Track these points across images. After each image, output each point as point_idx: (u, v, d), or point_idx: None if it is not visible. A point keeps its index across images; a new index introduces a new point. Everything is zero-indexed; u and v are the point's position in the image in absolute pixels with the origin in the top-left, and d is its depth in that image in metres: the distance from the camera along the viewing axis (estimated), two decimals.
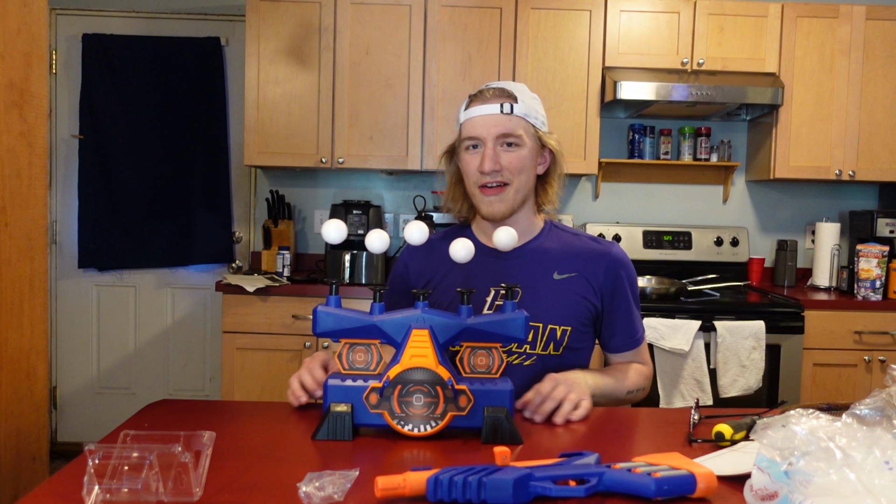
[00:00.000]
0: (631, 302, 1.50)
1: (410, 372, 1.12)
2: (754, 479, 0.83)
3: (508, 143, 1.39)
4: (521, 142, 1.40)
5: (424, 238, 1.22)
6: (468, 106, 1.43)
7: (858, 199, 3.56)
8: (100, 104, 3.42)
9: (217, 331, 3.49)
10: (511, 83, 1.45)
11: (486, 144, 1.39)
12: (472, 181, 1.42)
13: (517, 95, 1.40)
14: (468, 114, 1.42)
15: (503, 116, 1.39)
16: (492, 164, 1.38)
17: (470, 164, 1.42)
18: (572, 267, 1.46)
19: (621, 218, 3.53)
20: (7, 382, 1.71)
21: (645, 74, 3.10)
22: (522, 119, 1.40)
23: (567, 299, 1.43)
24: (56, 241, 3.54)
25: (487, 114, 1.39)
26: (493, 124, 1.38)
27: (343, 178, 3.54)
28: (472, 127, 1.41)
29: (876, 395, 0.94)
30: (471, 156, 1.42)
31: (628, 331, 1.50)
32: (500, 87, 1.42)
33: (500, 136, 1.39)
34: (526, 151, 1.41)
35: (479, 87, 1.45)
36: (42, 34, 1.84)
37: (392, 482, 0.88)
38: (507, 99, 1.40)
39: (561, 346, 1.42)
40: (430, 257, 1.49)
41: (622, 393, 1.43)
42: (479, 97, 1.42)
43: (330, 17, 3.11)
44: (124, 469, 0.86)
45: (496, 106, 1.39)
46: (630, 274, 1.51)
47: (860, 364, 2.93)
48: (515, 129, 1.39)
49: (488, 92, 1.41)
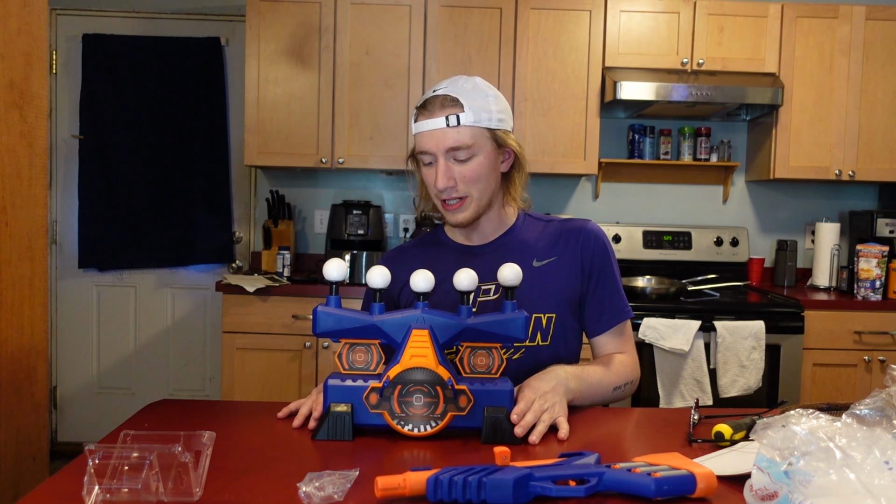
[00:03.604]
0: (615, 274, 1.46)
1: (410, 372, 1.12)
2: (754, 479, 0.83)
3: (459, 157, 1.34)
4: (474, 151, 1.34)
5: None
6: (416, 118, 1.37)
7: (858, 199, 3.56)
8: (100, 104, 3.42)
9: (217, 331, 3.49)
10: (460, 82, 1.36)
11: (438, 160, 1.34)
12: (433, 194, 1.39)
13: (464, 102, 1.32)
14: (417, 127, 1.36)
15: (450, 130, 1.32)
16: (445, 180, 1.33)
17: (427, 178, 1.38)
18: (550, 252, 1.44)
19: (621, 218, 3.53)
20: (7, 382, 1.71)
21: (645, 74, 3.10)
22: (472, 127, 1.33)
23: (548, 285, 1.41)
24: (56, 241, 3.54)
25: (434, 128, 1.33)
26: (441, 139, 1.33)
27: (343, 178, 3.54)
28: (421, 141, 1.36)
29: (876, 395, 0.94)
30: (427, 169, 1.37)
31: (616, 306, 1.45)
32: (446, 94, 1.34)
33: (449, 150, 1.33)
34: (481, 158, 1.35)
35: (426, 95, 1.38)
36: (42, 34, 1.84)
37: (392, 482, 0.88)
38: (452, 109, 1.32)
39: (548, 334, 1.40)
40: (408, 265, 1.44)
41: (608, 390, 1.37)
42: (425, 109, 1.35)
43: (330, 17, 3.11)
44: (124, 469, 0.86)
45: (441, 120, 1.32)
46: (609, 247, 1.46)
47: (860, 364, 2.93)
48: (465, 141, 1.33)
49: (434, 102, 1.34)
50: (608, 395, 1.37)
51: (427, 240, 1.54)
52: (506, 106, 1.40)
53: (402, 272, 1.43)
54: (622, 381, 1.40)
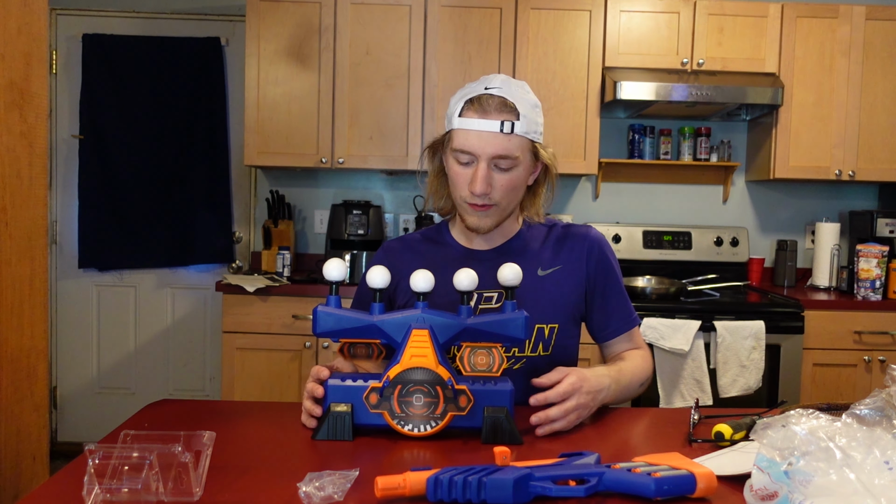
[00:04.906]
0: (620, 282, 1.45)
1: (410, 372, 1.12)
2: (754, 479, 0.83)
3: (503, 165, 1.29)
4: (517, 162, 1.30)
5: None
6: (463, 112, 1.29)
7: (858, 199, 3.56)
8: (100, 104, 3.42)
9: (217, 331, 3.49)
10: (514, 86, 1.31)
11: (480, 164, 1.28)
12: (459, 194, 1.34)
13: (520, 110, 1.28)
14: (463, 123, 1.29)
15: (503, 136, 1.27)
16: (484, 186, 1.28)
17: (459, 177, 1.32)
18: (555, 260, 1.41)
19: (621, 218, 3.53)
20: (7, 382, 1.71)
21: (645, 74, 3.10)
22: (522, 138, 1.29)
23: (552, 295, 1.38)
24: (56, 241, 3.54)
25: (486, 130, 1.27)
26: (491, 143, 1.27)
27: (343, 178, 3.54)
28: (466, 139, 1.28)
29: (876, 395, 0.94)
30: (461, 168, 1.31)
31: (624, 312, 1.44)
32: (503, 97, 1.28)
33: (494, 157, 1.28)
34: (521, 171, 1.32)
35: (477, 90, 1.30)
36: (42, 34, 1.84)
37: (392, 482, 0.88)
38: (509, 115, 1.27)
39: (550, 345, 1.37)
40: (409, 255, 1.44)
41: (635, 388, 1.37)
42: (478, 106, 1.28)
43: (330, 17, 3.11)
44: (124, 469, 0.86)
45: (496, 123, 1.26)
46: (611, 256, 1.45)
47: (860, 364, 2.93)
48: (514, 151, 1.28)
49: (490, 103, 1.27)
50: (634, 391, 1.38)
51: (431, 235, 1.49)
52: (542, 116, 1.36)
53: (404, 258, 1.43)
54: (645, 377, 1.41)
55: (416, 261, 1.41)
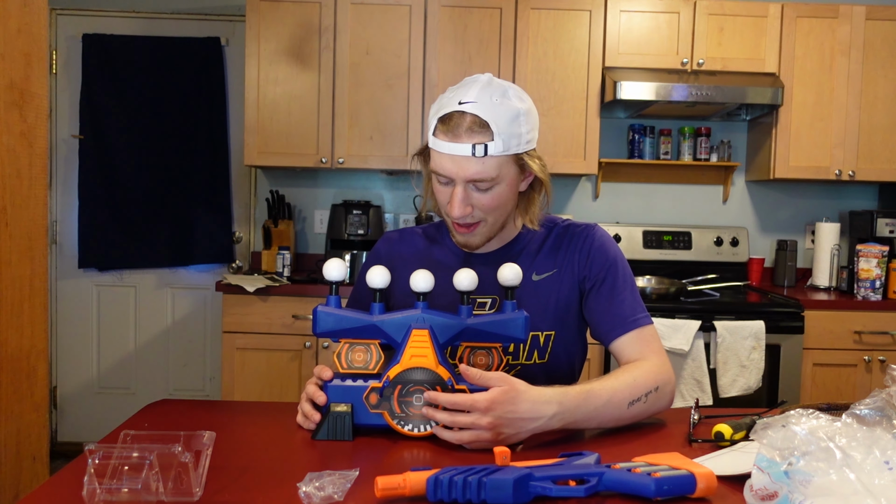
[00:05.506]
0: (625, 280, 1.34)
1: (410, 372, 1.12)
2: (754, 479, 0.83)
3: (482, 186, 1.23)
4: (497, 181, 1.23)
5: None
6: (436, 131, 1.23)
7: (858, 199, 3.56)
8: (100, 104, 3.42)
9: (217, 331, 3.49)
10: (491, 96, 1.21)
11: (457, 187, 1.23)
12: (445, 211, 1.29)
13: (494, 128, 1.19)
14: (436, 144, 1.22)
15: (475, 160, 1.20)
16: (462, 209, 1.23)
17: (441, 195, 1.27)
18: (549, 264, 1.35)
19: (621, 218, 3.53)
20: (7, 382, 1.71)
21: (645, 74, 3.10)
22: (499, 157, 1.21)
23: (547, 301, 1.33)
24: (56, 241, 3.54)
25: (457, 154, 1.20)
26: (464, 168, 1.21)
27: (343, 178, 3.54)
28: (440, 163, 1.23)
29: (876, 395, 0.94)
30: (442, 188, 1.26)
31: (625, 311, 1.31)
32: (475, 115, 1.19)
33: (471, 180, 1.22)
34: (503, 187, 1.25)
35: (450, 106, 1.21)
36: (42, 34, 1.84)
37: (392, 482, 0.88)
38: (480, 137, 1.19)
39: (546, 352, 1.32)
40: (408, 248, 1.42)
41: (622, 408, 1.18)
42: (448, 129, 1.20)
43: (330, 17, 3.11)
44: (124, 469, 0.86)
45: (467, 147, 1.19)
46: (615, 253, 1.35)
47: (860, 364, 2.93)
48: (489, 173, 1.21)
49: (460, 124, 1.19)
50: (623, 412, 1.18)
51: (432, 233, 1.45)
52: (535, 119, 1.27)
53: (403, 251, 1.42)
54: (641, 392, 1.20)
55: (414, 256, 1.40)
